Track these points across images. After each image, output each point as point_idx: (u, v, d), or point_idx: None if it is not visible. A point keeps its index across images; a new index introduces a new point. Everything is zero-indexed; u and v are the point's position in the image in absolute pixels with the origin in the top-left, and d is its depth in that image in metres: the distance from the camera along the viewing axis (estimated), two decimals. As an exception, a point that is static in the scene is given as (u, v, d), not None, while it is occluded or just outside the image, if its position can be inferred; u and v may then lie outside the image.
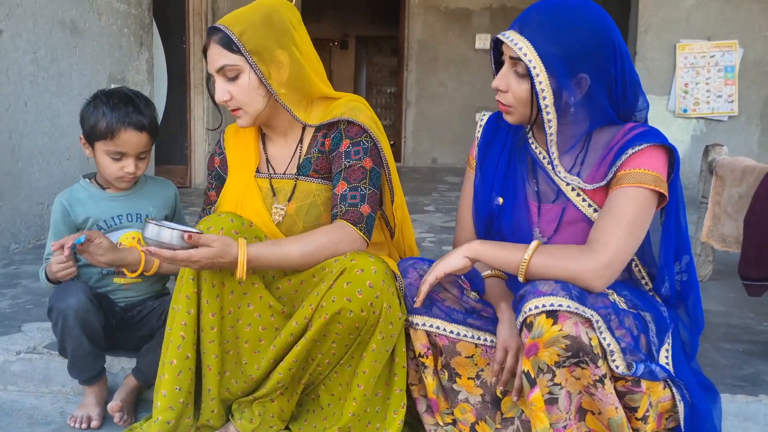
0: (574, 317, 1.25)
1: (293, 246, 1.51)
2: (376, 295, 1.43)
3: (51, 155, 3.41)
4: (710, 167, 2.86)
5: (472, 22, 7.87)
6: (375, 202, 1.58)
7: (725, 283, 2.86)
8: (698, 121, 5.44)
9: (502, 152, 1.58)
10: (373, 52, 13.55)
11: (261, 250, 1.48)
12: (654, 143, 1.37)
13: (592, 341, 1.25)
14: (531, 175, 1.52)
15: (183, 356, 1.51)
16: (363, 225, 1.54)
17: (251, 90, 1.55)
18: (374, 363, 1.50)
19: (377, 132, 1.61)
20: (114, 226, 1.83)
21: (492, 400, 1.51)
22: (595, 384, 1.28)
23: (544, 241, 1.48)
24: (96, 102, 1.78)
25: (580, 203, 1.44)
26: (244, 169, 1.69)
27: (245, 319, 1.56)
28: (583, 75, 1.36)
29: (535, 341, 1.26)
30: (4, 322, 2.18)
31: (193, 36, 5.32)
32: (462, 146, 7.80)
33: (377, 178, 1.60)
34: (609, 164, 1.40)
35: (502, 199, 1.55)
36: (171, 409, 1.51)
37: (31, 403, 1.85)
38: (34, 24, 3.24)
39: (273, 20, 1.55)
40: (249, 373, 1.56)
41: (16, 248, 3.19)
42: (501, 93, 1.43)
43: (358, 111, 1.61)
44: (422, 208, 4.74)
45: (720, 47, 5.38)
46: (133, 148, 1.76)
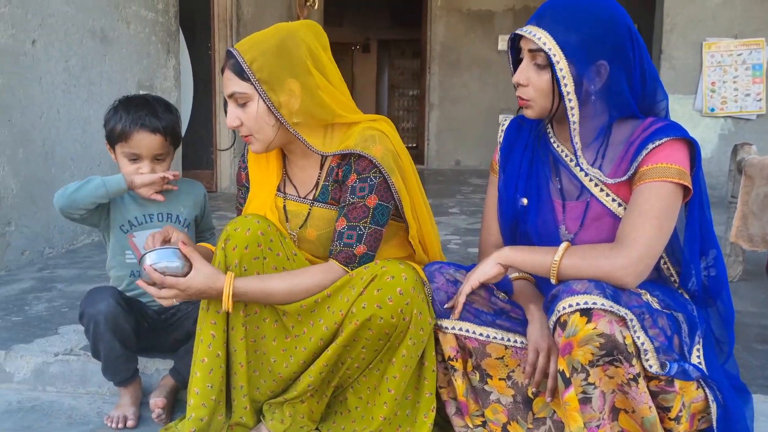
0: (608, 315, 1.25)
1: (280, 285, 1.52)
2: (407, 301, 1.44)
3: (82, 161, 3.48)
4: (739, 166, 2.83)
5: (494, 23, 7.87)
6: (375, 240, 1.56)
7: (755, 283, 2.82)
8: (726, 120, 5.38)
9: (524, 153, 1.59)
10: (395, 55, 13.59)
11: (248, 285, 1.50)
12: (675, 137, 1.38)
13: (626, 340, 1.25)
14: (554, 173, 1.53)
15: (214, 354, 1.54)
16: (355, 265, 1.54)
17: (260, 118, 1.54)
18: (404, 368, 1.52)
19: (391, 163, 1.55)
20: (144, 224, 1.87)
21: (524, 401, 1.51)
22: (629, 382, 1.28)
23: (570, 238, 1.49)
24: (116, 107, 1.83)
25: (604, 198, 1.45)
26: (265, 188, 1.69)
27: (271, 318, 1.58)
28: (602, 62, 1.38)
29: (569, 340, 1.26)
30: (41, 325, 2.23)
31: (218, 42, 5.39)
32: (485, 148, 7.80)
33: (382, 215, 1.56)
34: (630, 159, 1.40)
35: (526, 200, 1.55)
36: (204, 407, 1.54)
37: (69, 403, 1.90)
38: (66, 33, 3.31)
39: (287, 48, 1.51)
40: (278, 371, 1.58)
41: (50, 253, 3.26)
42: (521, 88, 1.45)
43: (372, 142, 1.54)
44: (447, 210, 4.75)
45: (747, 45, 5.32)
46: (147, 149, 1.79)
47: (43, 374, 1.98)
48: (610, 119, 1.45)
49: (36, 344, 2.06)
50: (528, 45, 1.41)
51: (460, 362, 1.53)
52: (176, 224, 1.89)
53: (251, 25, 5.63)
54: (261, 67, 1.50)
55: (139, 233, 1.85)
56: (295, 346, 1.57)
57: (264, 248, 1.56)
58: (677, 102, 5.34)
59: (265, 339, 1.59)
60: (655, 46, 5.57)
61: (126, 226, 1.86)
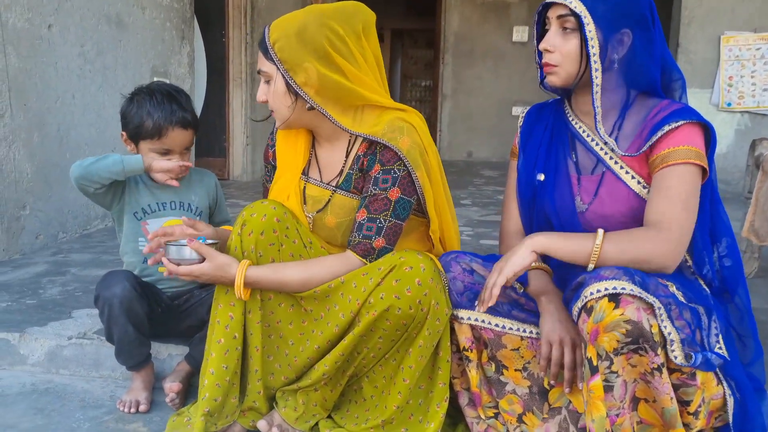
0: (636, 302, 1.24)
1: (295, 274, 1.53)
2: (425, 292, 1.44)
3: (97, 147, 3.49)
4: (757, 162, 2.80)
5: (509, 14, 7.81)
6: (395, 233, 1.56)
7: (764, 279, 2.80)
8: (743, 115, 5.33)
9: (544, 133, 1.62)
10: (408, 45, 13.53)
11: (261, 273, 1.52)
12: (692, 120, 1.41)
13: (653, 328, 1.24)
14: (571, 148, 1.57)
15: (231, 335, 1.55)
16: (373, 257, 1.54)
17: (278, 97, 1.56)
18: (420, 358, 1.51)
19: (417, 158, 1.55)
20: (157, 211, 1.87)
21: (539, 392, 1.51)
22: (652, 372, 1.27)
23: (584, 209, 1.51)
24: (138, 100, 1.80)
25: (618, 170, 1.48)
26: (290, 170, 1.70)
27: (287, 302, 1.59)
28: (626, 30, 1.43)
29: (596, 326, 1.25)
30: (56, 309, 2.25)
31: (232, 30, 5.39)
32: (498, 139, 7.76)
33: (404, 209, 1.56)
34: (645, 138, 1.43)
35: (543, 176, 1.57)
36: (218, 387, 1.54)
37: (83, 386, 1.91)
38: (81, 18, 3.31)
39: (308, 31, 1.52)
40: (293, 356, 1.59)
41: (64, 237, 3.28)
42: (548, 54, 1.48)
43: (400, 133, 1.54)
44: (458, 201, 4.73)
45: (766, 39, 5.25)
46: (179, 145, 1.81)
47: (56, 357, 1.99)
48: (628, 93, 1.48)
49: (50, 327, 2.07)
50: (557, 12, 1.46)
51: (475, 353, 1.53)
52: (188, 213, 1.89)
53: (266, 12, 5.61)
54: (282, 47, 1.52)
55: (152, 221, 1.86)
56: (312, 330, 1.57)
57: (280, 234, 1.57)
58: (693, 96, 5.28)
59: (280, 323, 1.60)
60: (672, 40, 5.51)
61: (139, 214, 1.87)
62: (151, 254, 1.65)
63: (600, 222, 1.49)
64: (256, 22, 5.47)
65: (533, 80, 7.77)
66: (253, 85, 5.55)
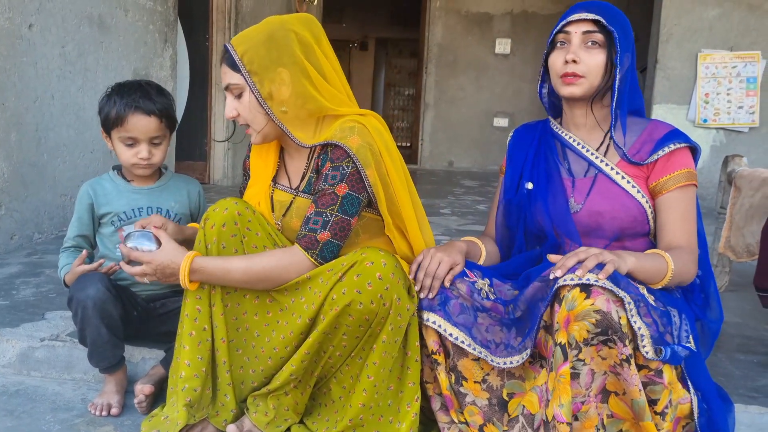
0: (606, 294, 1.30)
1: (239, 264, 1.54)
2: (386, 287, 1.46)
3: (75, 148, 3.47)
4: (729, 178, 2.86)
5: (492, 26, 7.89)
6: (342, 228, 1.56)
7: (741, 294, 2.85)
8: (718, 131, 5.42)
9: (529, 148, 1.72)
10: (392, 54, 13.59)
11: (205, 263, 1.54)
12: (688, 144, 1.59)
13: (622, 320, 1.30)
14: (561, 156, 1.68)
15: (200, 328, 1.59)
16: (315, 252, 1.55)
17: (252, 108, 1.59)
18: (384, 354, 1.52)
19: (368, 156, 1.56)
20: (134, 218, 1.87)
21: (498, 403, 1.53)
22: (621, 363, 1.32)
23: (579, 208, 1.61)
24: (110, 93, 1.84)
25: (610, 172, 1.60)
26: (261, 177, 1.74)
27: (252, 294, 1.61)
28: (628, 53, 1.57)
29: (567, 314, 1.31)
30: (28, 310, 2.23)
31: (216, 34, 5.38)
32: (479, 150, 7.82)
33: (351, 204, 1.56)
34: (649, 151, 1.57)
35: (531, 184, 1.67)
36: (196, 377, 1.57)
37: (54, 389, 1.89)
38: (63, 19, 3.30)
39: (275, 39, 1.56)
40: (260, 346, 1.61)
41: (40, 238, 3.25)
42: (573, 65, 1.56)
43: (350, 133, 1.56)
44: (438, 210, 4.76)
45: (742, 58, 5.36)
46: (143, 132, 1.80)
47: (28, 359, 1.97)
48: (622, 111, 1.60)
49: (22, 329, 2.06)
50: (582, 28, 1.56)
51: (443, 356, 1.56)
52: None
53: (250, 18, 5.62)
54: (251, 59, 1.55)
55: (129, 227, 1.85)
56: (276, 320, 1.59)
57: (242, 227, 1.60)
58: (670, 112, 5.38)
59: (246, 315, 1.62)
60: (651, 56, 5.60)
61: (116, 221, 1.87)
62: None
63: (593, 218, 1.59)
64: (240, 26, 5.47)
65: (515, 92, 7.85)
66: (236, 89, 5.54)
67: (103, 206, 1.87)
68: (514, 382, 1.52)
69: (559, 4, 7.71)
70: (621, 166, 1.60)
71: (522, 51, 7.80)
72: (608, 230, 1.58)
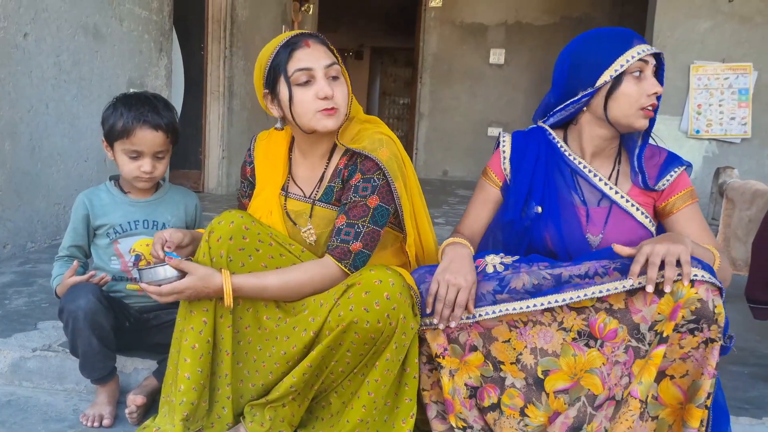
0: (707, 283, 1.36)
1: (274, 281, 1.56)
2: (393, 306, 1.46)
3: (69, 157, 3.47)
4: (721, 189, 2.88)
5: (487, 37, 7.92)
6: (372, 239, 1.60)
7: (733, 305, 2.84)
8: (710, 142, 5.45)
9: (537, 163, 1.69)
10: (387, 63, 13.62)
11: (242, 281, 1.55)
12: (686, 166, 1.67)
13: (717, 309, 1.36)
14: (574, 183, 1.68)
15: (204, 340, 1.57)
16: (349, 262, 1.57)
17: (346, 93, 1.64)
18: (386, 372, 1.53)
19: (395, 169, 1.61)
20: (129, 231, 1.87)
21: (535, 382, 1.53)
22: (698, 346, 1.38)
23: (598, 240, 1.63)
24: (116, 104, 1.83)
25: (624, 203, 1.63)
26: (270, 185, 1.73)
27: (254, 307, 1.61)
28: None
29: (676, 303, 1.36)
30: (21, 320, 2.22)
31: (211, 43, 5.39)
32: (473, 160, 7.84)
33: (382, 216, 1.61)
34: (655, 176, 1.64)
35: (540, 208, 1.66)
36: (194, 390, 1.57)
37: (45, 399, 1.89)
38: (58, 28, 3.30)
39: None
40: (261, 360, 1.61)
41: (33, 247, 3.24)
42: (653, 97, 1.59)
43: (380, 145, 1.61)
44: (433, 220, 4.75)
45: (734, 69, 5.40)
46: (149, 146, 1.80)
47: (20, 369, 1.97)
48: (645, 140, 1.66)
49: (14, 339, 2.05)
50: (651, 60, 1.59)
51: (448, 359, 1.55)
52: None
53: (245, 27, 5.63)
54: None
55: (124, 240, 1.86)
56: (276, 336, 1.59)
57: (252, 241, 1.59)
58: (663, 123, 5.40)
59: (249, 328, 1.62)
60: (644, 67, 5.63)
61: (111, 234, 1.86)
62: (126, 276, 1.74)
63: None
64: (235, 36, 5.49)
65: (509, 102, 7.88)
66: (231, 98, 5.55)
67: (99, 218, 1.87)
68: (548, 359, 1.52)
69: (554, 15, 7.76)
70: (633, 194, 1.65)
71: (516, 61, 7.84)
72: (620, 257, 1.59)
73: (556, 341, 1.50)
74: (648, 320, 1.41)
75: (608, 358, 1.46)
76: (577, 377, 1.49)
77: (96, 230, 1.88)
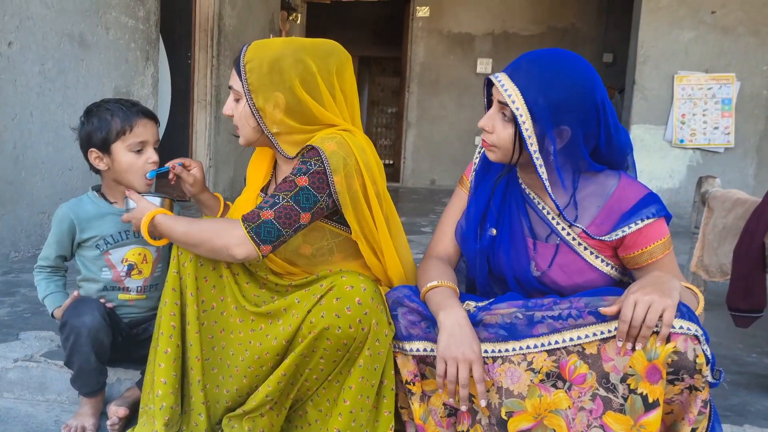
0: (683, 334, 1.30)
1: (181, 223, 1.60)
2: (365, 311, 1.46)
3: (54, 165, 3.45)
4: (703, 198, 2.91)
5: (474, 46, 7.99)
6: (288, 216, 1.53)
7: (715, 313, 2.88)
8: (694, 151, 5.52)
9: (497, 184, 1.61)
10: (376, 72, 13.68)
11: (161, 220, 1.61)
12: (663, 216, 1.48)
13: (698, 359, 1.29)
14: (526, 211, 1.59)
15: (175, 345, 1.59)
16: (252, 225, 1.51)
17: (243, 117, 1.63)
18: (361, 379, 1.52)
19: (338, 163, 1.54)
20: (120, 241, 1.84)
21: (498, 423, 1.48)
22: (681, 392, 1.33)
23: (538, 275, 1.55)
24: (95, 111, 1.80)
25: (572, 242, 1.52)
26: (253, 185, 1.77)
27: (229, 312, 1.62)
28: (565, 127, 1.42)
29: (649, 364, 1.30)
30: (2, 330, 2.20)
31: (198, 52, 5.39)
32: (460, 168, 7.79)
33: (306, 198, 1.53)
34: (614, 224, 1.48)
35: (495, 231, 1.59)
36: (172, 395, 1.57)
37: (27, 410, 1.87)
38: (44, 37, 3.29)
39: (279, 64, 1.57)
40: (234, 365, 1.60)
41: (16, 257, 3.22)
42: (486, 133, 1.50)
43: (329, 140, 1.56)
44: (419, 229, 4.78)
45: (717, 80, 5.47)
46: (152, 135, 1.81)
47: (0, 380, 1.94)
48: (573, 174, 1.51)
49: (-5, 349, 2.03)
50: (498, 96, 1.45)
51: (418, 386, 1.54)
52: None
53: (232, 36, 5.64)
54: (252, 70, 1.59)
55: (115, 250, 1.84)
56: (250, 341, 1.59)
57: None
58: (648, 132, 5.46)
59: (224, 332, 1.62)
60: (629, 77, 5.70)
61: (102, 245, 1.83)
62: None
63: (554, 286, 1.54)
64: (223, 45, 5.49)
65: (496, 111, 7.94)
66: (218, 107, 5.55)
67: (87, 231, 1.83)
68: (513, 401, 1.45)
69: (540, 25, 7.84)
70: (584, 237, 1.51)
71: (503, 71, 7.90)
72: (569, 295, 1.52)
73: (523, 382, 1.44)
74: (619, 371, 1.34)
75: (574, 402, 1.39)
76: (540, 416, 1.43)
77: (83, 243, 1.84)
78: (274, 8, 7.02)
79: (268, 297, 1.62)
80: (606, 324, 1.36)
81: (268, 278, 1.65)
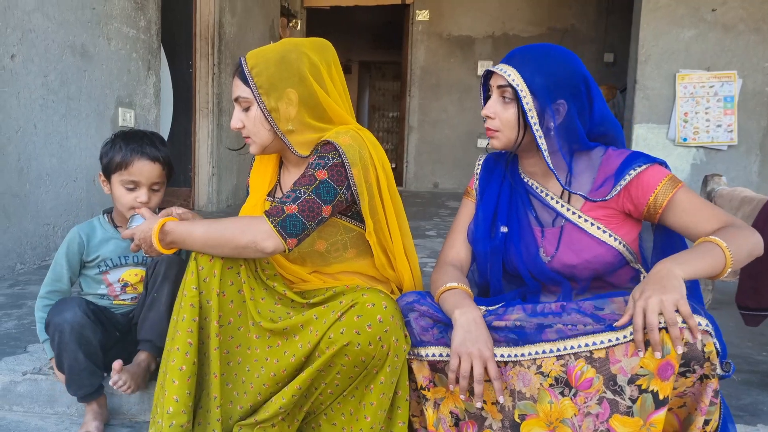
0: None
1: (200, 226, 1.56)
2: (386, 329, 1.46)
3: (58, 177, 3.45)
4: (709, 197, 2.90)
5: (474, 49, 7.98)
6: (311, 209, 1.54)
7: (724, 312, 2.87)
8: (698, 150, 5.50)
9: (502, 185, 1.70)
10: (376, 77, 13.69)
11: (173, 226, 1.57)
12: (654, 162, 1.54)
13: (706, 348, 1.30)
14: (529, 203, 1.66)
15: (191, 362, 1.55)
16: (277, 219, 1.52)
17: (257, 123, 1.64)
18: (381, 395, 1.52)
19: (355, 156, 1.58)
20: (120, 264, 1.92)
21: (511, 426, 1.48)
22: (694, 384, 1.33)
23: (548, 260, 1.60)
24: (114, 139, 1.89)
25: (577, 220, 1.58)
26: (258, 191, 1.78)
27: (246, 327, 1.60)
28: (561, 101, 1.54)
29: (661, 361, 1.29)
30: (10, 343, 2.20)
31: (199, 60, 5.40)
32: (463, 171, 7.87)
33: (327, 191, 1.56)
34: (612, 185, 1.54)
35: (506, 228, 1.65)
36: (183, 413, 1.55)
37: (36, 423, 1.87)
38: (46, 49, 3.30)
39: (287, 59, 1.61)
40: (250, 381, 1.59)
41: (22, 269, 3.22)
42: (489, 120, 1.59)
43: (343, 134, 1.60)
44: (424, 232, 4.77)
45: (719, 77, 5.45)
46: (146, 177, 1.84)
47: (10, 393, 1.94)
48: (571, 151, 1.59)
49: (4, 363, 2.03)
50: (497, 81, 1.57)
51: (433, 392, 1.54)
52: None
53: (233, 44, 5.65)
54: (260, 73, 1.61)
55: (114, 271, 1.92)
56: (266, 357, 1.58)
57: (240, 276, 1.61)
58: (651, 131, 5.45)
59: (240, 348, 1.61)
60: (630, 77, 5.69)
61: (103, 266, 1.91)
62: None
63: (566, 269, 1.58)
64: (224, 53, 5.50)
65: (498, 113, 7.94)
66: (220, 115, 5.55)
67: (93, 252, 1.91)
68: (525, 403, 1.46)
69: (540, 26, 7.83)
70: (587, 210, 1.57)
71: (504, 73, 7.90)
72: (583, 278, 1.58)
73: (533, 385, 1.45)
74: (627, 372, 1.34)
75: (580, 409, 1.40)
76: (553, 426, 1.44)
77: (87, 262, 1.92)
78: (274, 15, 7.04)
79: (284, 313, 1.61)
80: (616, 332, 1.36)
81: (286, 294, 1.64)
